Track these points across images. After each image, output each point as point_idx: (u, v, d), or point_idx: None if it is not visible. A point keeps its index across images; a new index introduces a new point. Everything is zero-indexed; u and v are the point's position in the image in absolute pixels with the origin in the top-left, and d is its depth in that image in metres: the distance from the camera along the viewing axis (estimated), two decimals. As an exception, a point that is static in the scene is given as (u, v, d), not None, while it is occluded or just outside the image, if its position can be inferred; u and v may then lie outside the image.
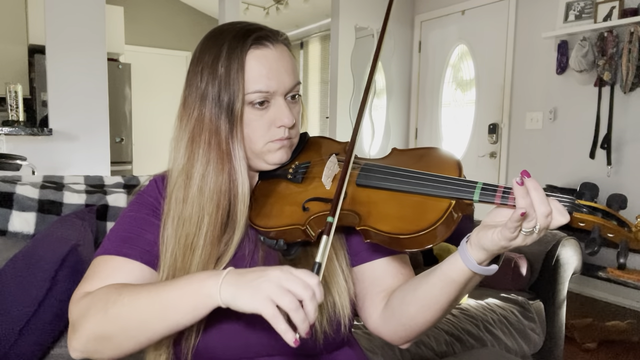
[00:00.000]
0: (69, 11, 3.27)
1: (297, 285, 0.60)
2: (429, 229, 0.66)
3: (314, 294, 0.60)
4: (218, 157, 0.77)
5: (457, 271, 0.69)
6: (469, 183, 0.68)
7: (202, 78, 0.78)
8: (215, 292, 0.63)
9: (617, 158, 3.30)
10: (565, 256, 2.07)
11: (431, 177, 0.71)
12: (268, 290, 0.59)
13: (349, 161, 0.74)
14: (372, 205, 0.73)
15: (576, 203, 0.64)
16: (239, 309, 0.61)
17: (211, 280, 0.64)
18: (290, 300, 0.59)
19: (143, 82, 6.20)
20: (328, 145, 0.90)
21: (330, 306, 0.78)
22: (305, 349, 0.78)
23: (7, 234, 1.44)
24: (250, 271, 0.63)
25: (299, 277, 0.60)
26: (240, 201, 0.79)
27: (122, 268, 0.77)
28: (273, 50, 0.80)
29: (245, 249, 0.82)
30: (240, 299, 0.61)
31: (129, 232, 0.80)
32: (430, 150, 0.80)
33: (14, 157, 2.79)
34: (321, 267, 0.63)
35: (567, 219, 0.62)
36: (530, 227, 0.62)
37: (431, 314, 0.74)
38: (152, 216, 0.82)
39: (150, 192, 0.85)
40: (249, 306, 0.60)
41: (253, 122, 0.79)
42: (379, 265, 0.83)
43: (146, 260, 0.78)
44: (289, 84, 0.81)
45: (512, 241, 0.63)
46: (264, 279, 0.61)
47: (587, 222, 0.64)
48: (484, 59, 4.19)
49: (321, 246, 0.64)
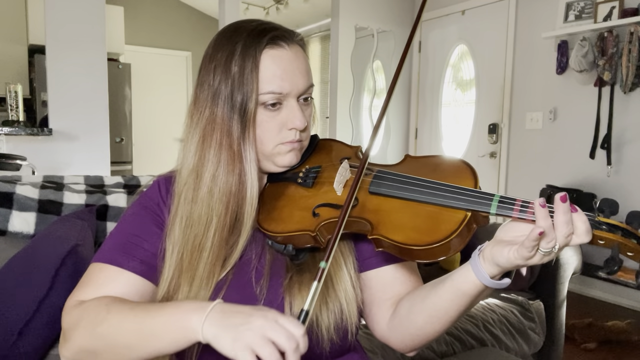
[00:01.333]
0: (69, 11, 3.27)
1: (281, 336, 0.57)
2: (444, 241, 0.64)
3: (297, 346, 0.58)
4: (229, 158, 0.76)
5: (469, 284, 0.67)
6: (486, 195, 0.66)
7: (215, 76, 0.77)
8: (198, 328, 0.61)
9: (617, 158, 3.30)
10: (565, 256, 2.07)
11: (447, 187, 0.69)
12: (249, 339, 0.57)
13: (358, 179, 0.71)
14: (385, 213, 0.71)
15: (596, 220, 0.62)
16: (219, 351, 0.60)
17: (196, 314, 0.62)
18: (271, 351, 0.57)
19: (143, 82, 6.20)
20: (338, 149, 0.88)
21: (337, 313, 0.77)
22: (311, 355, 0.76)
23: (7, 234, 1.44)
24: (236, 312, 0.61)
25: (284, 327, 0.58)
26: (248, 203, 0.78)
27: (115, 279, 0.76)
28: (288, 51, 0.78)
29: (252, 252, 0.81)
30: (221, 342, 0.59)
31: (128, 239, 0.79)
32: (445, 158, 0.78)
33: (14, 157, 2.79)
34: (308, 315, 0.61)
35: (589, 238, 0.61)
36: (549, 247, 0.60)
37: (440, 325, 0.73)
38: (152, 224, 0.80)
39: (152, 196, 0.83)
40: (228, 352, 0.59)
41: (265, 123, 0.78)
42: (387, 272, 0.82)
43: (140, 271, 0.77)
44: (302, 86, 0.79)
45: (528, 260, 0.61)
46: (247, 326, 0.59)
47: (607, 240, 0.62)
48: (484, 59, 4.19)
49: (310, 292, 0.61)
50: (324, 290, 0.77)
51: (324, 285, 0.77)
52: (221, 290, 0.76)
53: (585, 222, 0.61)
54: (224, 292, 0.76)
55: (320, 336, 0.76)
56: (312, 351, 0.75)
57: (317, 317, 0.76)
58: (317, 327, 0.75)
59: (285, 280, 0.78)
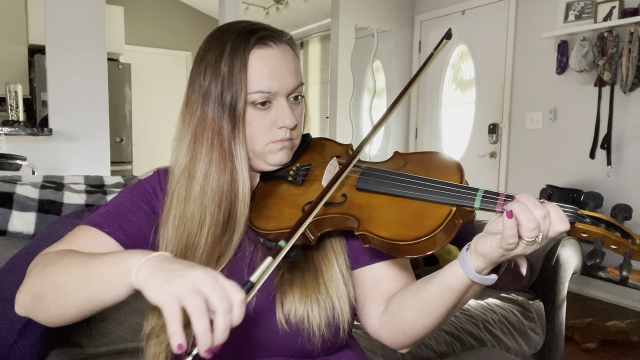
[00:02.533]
0: (69, 11, 3.27)
1: (215, 293, 0.53)
2: (428, 236, 0.65)
3: (230, 309, 0.53)
4: (220, 157, 0.77)
5: (456, 279, 0.68)
6: (470, 190, 0.67)
7: (205, 77, 0.78)
8: (134, 269, 0.58)
9: (617, 158, 3.29)
10: (565, 256, 2.07)
11: (432, 183, 0.70)
12: (180, 286, 0.53)
13: (342, 172, 0.72)
14: (372, 210, 0.72)
15: (579, 213, 0.63)
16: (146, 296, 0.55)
17: (137, 256, 0.59)
18: (198, 304, 0.52)
19: (143, 82, 6.20)
20: (330, 148, 0.89)
21: (329, 310, 0.78)
22: (303, 351, 0.77)
23: (7, 234, 1.44)
24: (179, 262, 0.58)
25: (222, 287, 0.54)
26: (240, 201, 0.79)
27: (92, 238, 0.77)
28: (276, 50, 0.79)
29: (245, 250, 0.82)
30: (150, 286, 0.55)
31: (116, 210, 0.80)
32: (432, 154, 0.79)
33: (14, 157, 2.80)
34: (253, 287, 0.57)
35: (567, 227, 0.61)
36: (532, 236, 0.61)
37: (430, 320, 0.74)
38: (142, 201, 0.82)
39: (150, 181, 0.85)
40: (154, 296, 0.54)
41: (255, 122, 0.79)
42: (379, 269, 0.82)
43: (120, 239, 0.77)
44: (291, 85, 0.80)
45: (510, 250, 0.62)
46: (182, 273, 0.54)
47: (590, 233, 0.62)
48: (484, 59, 4.19)
49: (262, 266, 0.58)
50: (315, 287, 0.78)
51: (315, 282, 0.78)
52: None
53: (559, 209, 0.62)
54: None
55: (311, 333, 0.76)
56: (304, 347, 0.76)
57: (309, 313, 0.76)
58: (308, 323, 0.76)
59: (277, 278, 0.79)
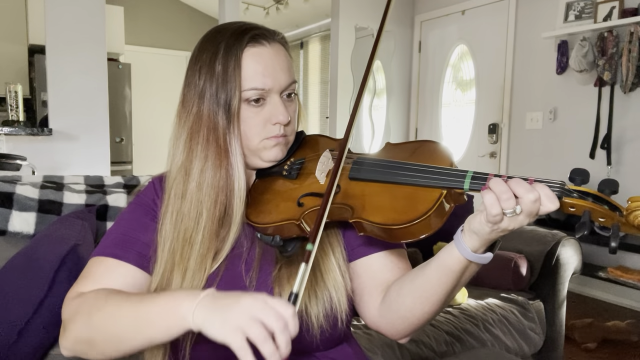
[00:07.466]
0: (69, 11, 3.26)
1: (269, 316, 0.57)
2: (421, 218, 0.66)
3: (286, 326, 0.57)
4: (216, 153, 0.79)
5: (453, 260, 0.69)
6: (459, 172, 0.68)
7: (201, 76, 0.80)
8: (189, 314, 0.61)
9: (617, 158, 3.30)
10: (565, 256, 2.07)
11: (421, 167, 0.72)
12: (238, 319, 0.57)
13: (339, 164, 0.73)
14: (365, 198, 0.74)
15: (566, 188, 0.64)
16: (209, 336, 0.59)
17: (188, 301, 0.63)
18: (260, 331, 0.56)
19: (143, 82, 6.20)
20: (323, 143, 0.90)
21: (326, 301, 0.79)
22: (302, 343, 0.78)
23: (7, 234, 1.44)
24: (226, 296, 0.62)
25: (273, 307, 0.58)
26: (236, 196, 0.80)
27: (114, 270, 0.79)
28: (269, 49, 0.81)
29: (242, 246, 0.83)
30: (211, 326, 0.59)
31: (124, 234, 0.82)
32: (422, 142, 0.81)
33: (14, 157, 2.79)
34: (298, 297, 0.61)
35: (556, 206, 0.62)
36: (510, 207, 0.61)
37: (429, 305, 0.75)
38: (147, 218, 0.83)
39: (148, 193, 0.87)
40: (218, 335, 0.58)
41: (249, 119, 0.81)
42: (376, 260, 0.84)
43: (139, 263, 0.80)
44: (284, 82, 0.82)
45: (497, 224, 0.63)
46: (234, 306, 0.59)
47: (578, 206, 0.63)
48: (484, 59, 4.19)
49: (299, 275, 0.62)
50: (313, 280, 0.79)
51: (312, 275, 0.79)
52: (213, 283, 0.78)
53: (547, 188, 0.62)
54: (216, 284, 0.78)
55: (310, 324, 0.77)
56: (303, 339, 0.77)
57: (307, 305, 0.78)
58: (306, 315, 0.77)
59: (275, 272, 0.80)
